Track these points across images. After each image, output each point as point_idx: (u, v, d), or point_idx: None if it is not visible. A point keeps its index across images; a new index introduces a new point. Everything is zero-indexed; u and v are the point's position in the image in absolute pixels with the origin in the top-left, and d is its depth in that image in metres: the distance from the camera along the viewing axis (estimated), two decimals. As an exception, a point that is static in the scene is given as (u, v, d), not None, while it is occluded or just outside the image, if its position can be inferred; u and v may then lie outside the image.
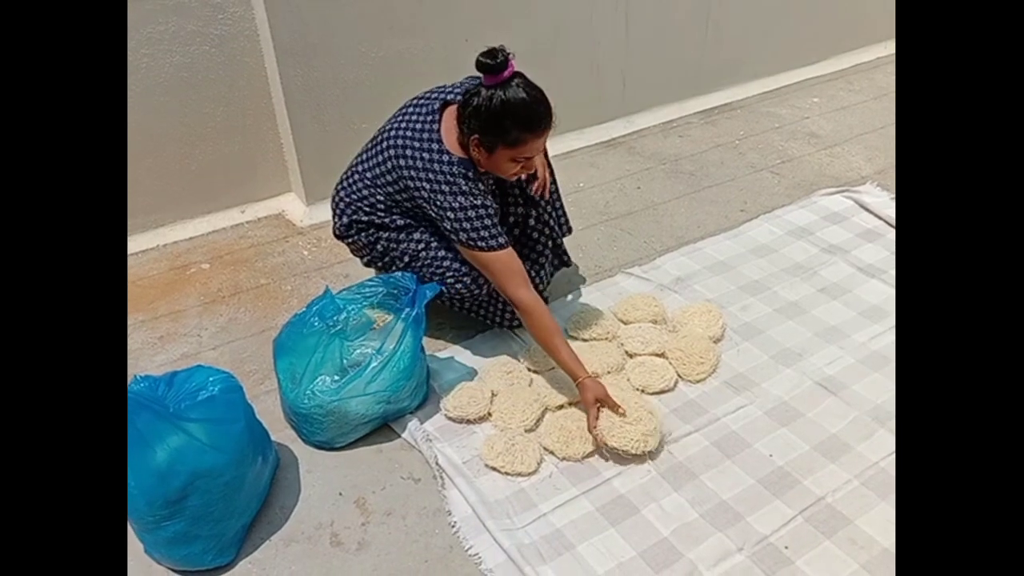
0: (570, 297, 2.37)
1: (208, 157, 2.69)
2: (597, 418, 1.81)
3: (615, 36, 3.20)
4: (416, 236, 2.02)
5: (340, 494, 1.75)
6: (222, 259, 2.61)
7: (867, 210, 2.74)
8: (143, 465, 1.45)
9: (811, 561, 1.59)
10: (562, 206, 2.28)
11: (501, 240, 1.88)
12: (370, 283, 1.98)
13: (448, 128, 1.88)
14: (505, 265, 1.89)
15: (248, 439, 1.60)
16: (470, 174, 1.87)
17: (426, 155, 1.87)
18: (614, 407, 1.82)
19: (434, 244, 1.99)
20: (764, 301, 2.33)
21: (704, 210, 2.81)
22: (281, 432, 1.89)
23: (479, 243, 1.87)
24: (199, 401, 1.55)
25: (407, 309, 1.86)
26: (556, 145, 3.19)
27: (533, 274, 2.16)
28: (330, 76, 2.62)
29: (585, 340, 2.18)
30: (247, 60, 2.59)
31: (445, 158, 1.86)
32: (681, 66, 3.48)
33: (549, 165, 2.18)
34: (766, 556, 1.60)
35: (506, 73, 1.73)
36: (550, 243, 2.21)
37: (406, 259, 2.04)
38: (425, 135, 1.89)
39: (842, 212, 2.75)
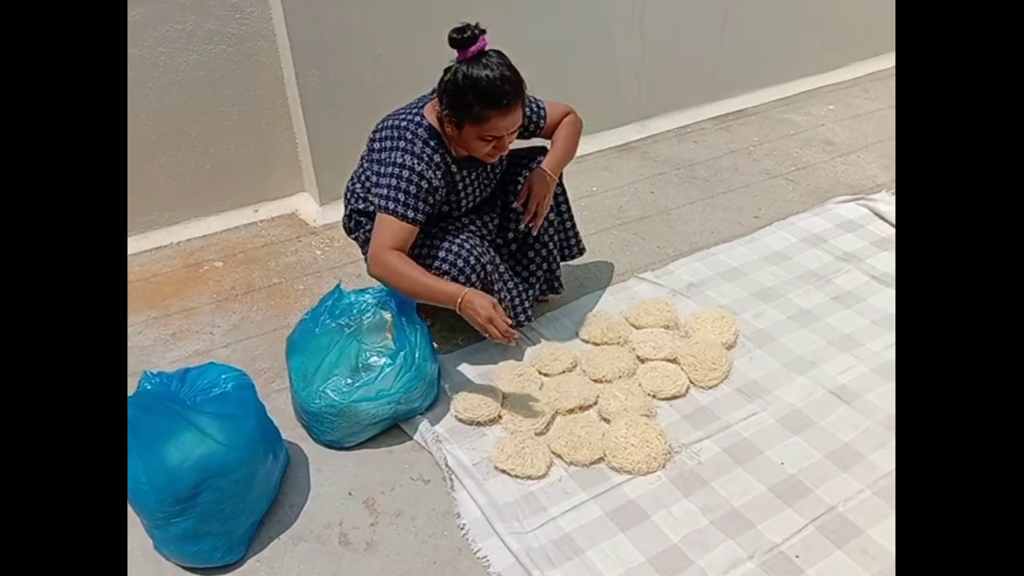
0: (582, 300, 2.36)
1: (223, 156, 2.70)
2: (501, 327, 1.80)
3: (631, 40, 3.20)
4: (432, 242, 2.01)
5: (350, 494, 1.75)
6: (235, 257, 2.62)
7: (882, 218, 2.72)
8: (154, 461, 1.45)
9: (822, 571, 1.57)
10: (573, 226, 2.26)
11: (412, 215, 1.84)
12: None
13: (434, 104, 1.89)
14: (393, 229, 1.84)
15: (260, 437, 1.60)
16: (432, 142, 1.86)
17: (401, 115, 1.90)
18: (504, 328, 1.80)
19: (419, 241, 1.95)
20: (777, 308, 2.32)
21: (718, 216, 2.80)
22: (292, 431, 1.89)
23: (389, 204, 1.83)
24: (211, 398, 1.56)
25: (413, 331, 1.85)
26: (570, 149, 3.19)
27: (520, 291, 2.14)
28: (346, 77, 2.63)
29: (596, 344, 2.17)
30: (264, 60, 2.60)
31: (417, 119, 1.88)
32: (697, 71, 3.47)
33: (563, 191, 2.17)
34: (776, 565, 1.58)
35: (473, 48, 1.73)
36: (544, 265, 2.19)
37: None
38: (411, 107, 1.92)
39: (857, 220, 2.74)
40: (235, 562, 1.60)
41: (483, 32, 1.74)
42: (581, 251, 2.31)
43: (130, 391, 1.54)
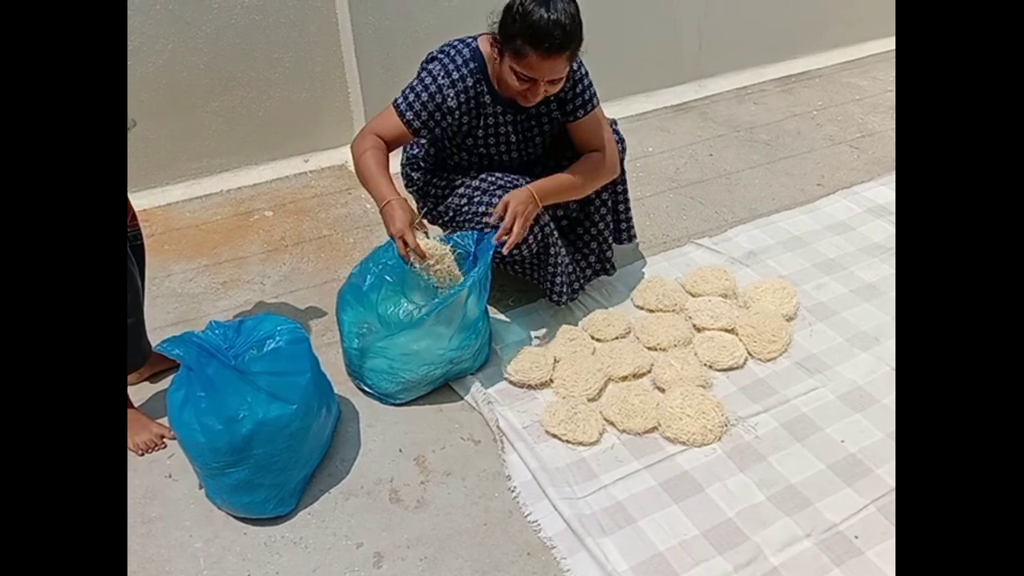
0: (636, 266, 2.30)
1: (275, 103, 2.67)
2: (408, 244, 1.70)
3: (695, -6, 3.08)
4: (460, 191, 1.96)
5: (400, 451, 1.74)
6: (285, 207, 2.60)
7: (952, 191, 2.61)
8: (211, 411, 1.45)
9: (882, 553, 1.52)
10: (627, 210, 2.13)
11: (409, 115, 1.81)
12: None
13: (493, 34, 1.81)
14: (389, 120, 1.83)
15: (314, 391, 1.58)
16: (471, 64, 1.81)
17: (457, 38, 1.86)
18: (420, 252, 1.71)
19: (476, 199, 1.92)
20: (840, 281, 2.24)
21: (779, 182, 2.71)
22: (342, 385, 1.88)
23: (397, 98, 1.83)
24: (267, 351, 1.54)
25: (473, 268, 1.81)
26: (625, 107, 3.10)
27: (574, 268, 2.07)
28: (401, 24, 2.56)
29: (651, 311, 2.12)
30: (318, 5, 2.54)
31: (468, 41, 1.83)
32: (761, 29, 3.33)
33: (622, 172, 2.04)
34: (835, 544, 1.54)
35: None
36: (594, 245, 2.10)
37: (450, 213, 1.99)
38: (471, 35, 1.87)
39: (925, 192, 2.62)
40: (286, 514, 1.60)
41: None
42: (631, 238, 2.17)
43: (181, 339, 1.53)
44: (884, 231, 2.44)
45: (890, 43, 3.65)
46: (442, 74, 1.80)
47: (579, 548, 1.53)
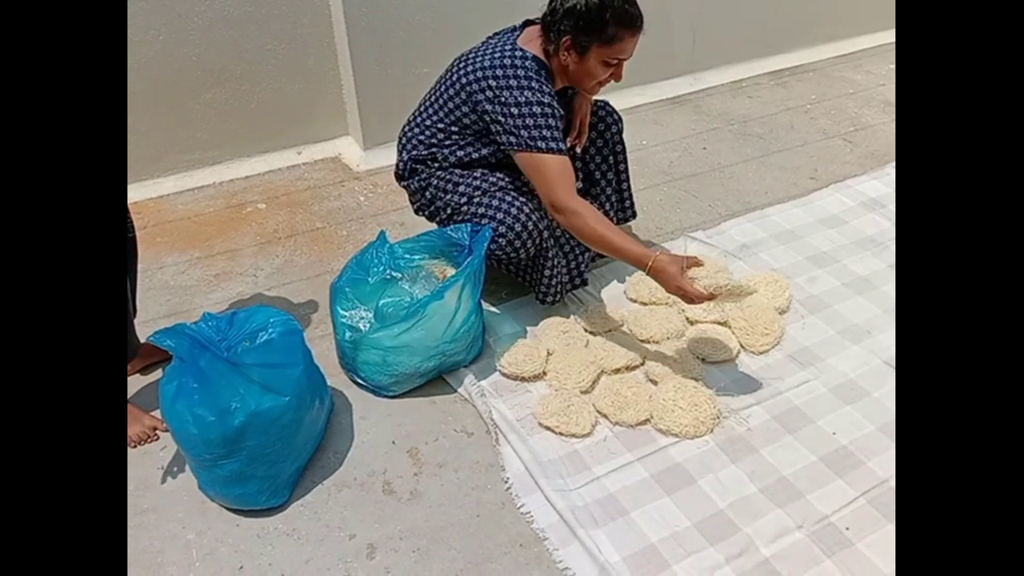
0: (630, 258, 2.31)
1: (268, 95, 2.66)
2: (690, 297, 1.69)
3: (689, -12, 3.07)
4: (461, 190, 1.96)
5: (393, 443, 1.74)
6: (278, 200, 2.59)
7: (945, 185, 2.62)
8: (204, 403, 1.44)
9: (872, 544, 1.53)
10: (629, 187, 2.20)
11: (561, 145, 1.79)
12: (426, 236, 1.94)
13: (528, 39, 1.84)
14: (558, 170, 1.78)
15: (307, 383, 1.58)
16: (543, 73, 1.82)
17: (498, 54, 1.82)
18: (708, 296, 1.68)
19: (476, 199, 1.93)
20: (832, 274, 2.24)
21: (772, 175, 2.71)
22: (335, 377, 1.88)
23: (538, 143, 1.77)
24: (260, 343, 1.54)
25: (467, 260, 1.81)
26: (619, 100, 3.09)
27: (577, 254, 2.10)
28: (396, 17, 2.55)
29: (644, 304, 2.12)
30: (312, -4, 2.53)
31: (519, 53, 1.82)
32: (754, 23, 3.33)
33: (623, 150, 2.13)
34: (826, 536, 1.55)
35: None
36: None
37: (448, 211, 1.99)
38: (500, 44, 1.85)
39: (918, 185, 2.63)
40: (279, 505, 1.60)
41: None
42: (634, 214, 2.25)
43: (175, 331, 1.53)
44: (877, 225, 2.45)
45: (883, 37, 3.66)
46: (541, 93, 1.79)
47: (571, 539, 1.53)
